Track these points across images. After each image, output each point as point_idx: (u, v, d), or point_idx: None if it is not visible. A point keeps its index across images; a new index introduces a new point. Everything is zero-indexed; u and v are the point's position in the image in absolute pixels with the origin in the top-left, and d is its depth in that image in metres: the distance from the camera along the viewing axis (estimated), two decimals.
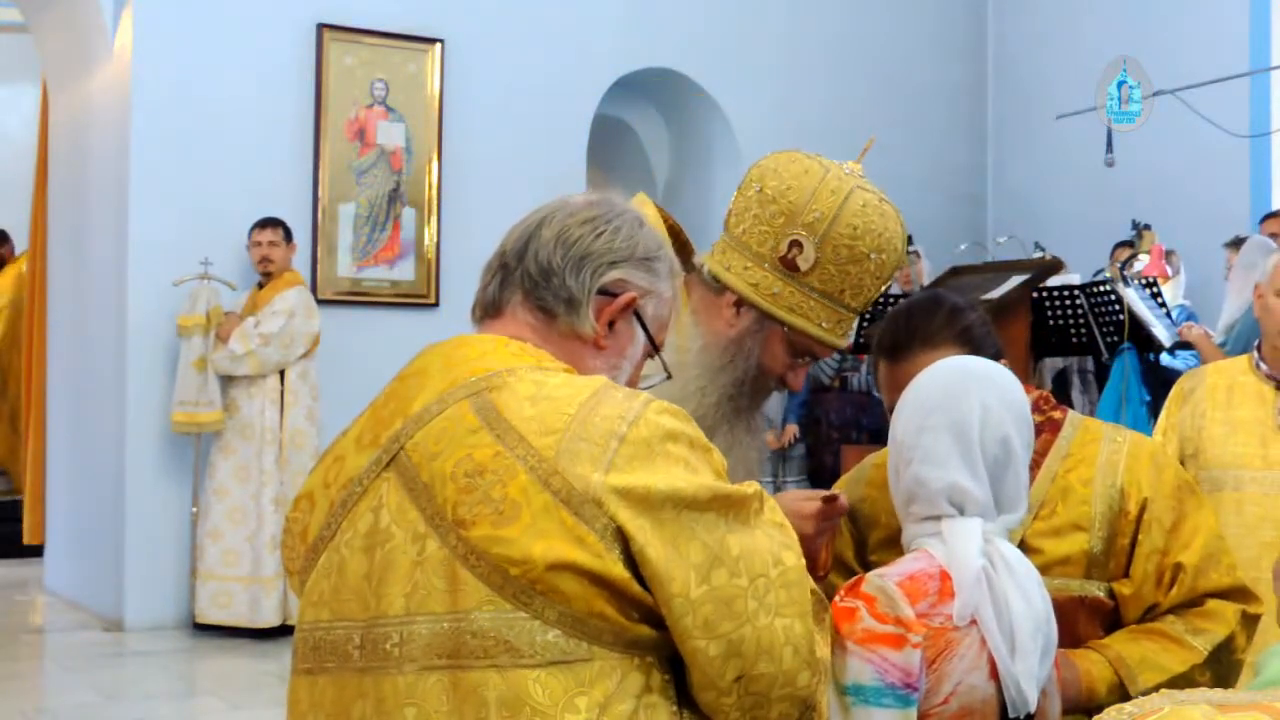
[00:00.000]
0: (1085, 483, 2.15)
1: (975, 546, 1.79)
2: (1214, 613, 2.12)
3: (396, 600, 1.47)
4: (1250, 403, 3.22)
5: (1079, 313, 6.81)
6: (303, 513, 1.62)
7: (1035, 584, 1.84)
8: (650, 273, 1.67)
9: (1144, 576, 2.12)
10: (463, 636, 1.42)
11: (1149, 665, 2.06)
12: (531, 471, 1.43)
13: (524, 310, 1.64)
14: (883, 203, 2.10)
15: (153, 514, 7.06)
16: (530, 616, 1.41)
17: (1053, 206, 9.29)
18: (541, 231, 1.65)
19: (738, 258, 2.09)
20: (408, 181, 7.77)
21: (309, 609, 1.57)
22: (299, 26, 7.49)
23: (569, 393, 1.49)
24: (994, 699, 1.77)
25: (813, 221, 2.04)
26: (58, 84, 8.23)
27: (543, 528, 1.41)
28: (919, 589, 1.76)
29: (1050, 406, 2.25)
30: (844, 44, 9.24)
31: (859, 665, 1.69)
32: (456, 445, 1.47)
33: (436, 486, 1.47)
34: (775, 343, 2.09)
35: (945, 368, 1.96)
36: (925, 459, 1.87)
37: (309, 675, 1.56)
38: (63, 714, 5.57)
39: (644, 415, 1.47)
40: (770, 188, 2.08)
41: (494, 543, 1.42)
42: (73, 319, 7.98)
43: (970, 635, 1.76)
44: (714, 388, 2.06)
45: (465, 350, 1.58)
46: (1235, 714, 1.03)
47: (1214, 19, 8.43)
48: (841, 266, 2.06)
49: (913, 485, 1.89)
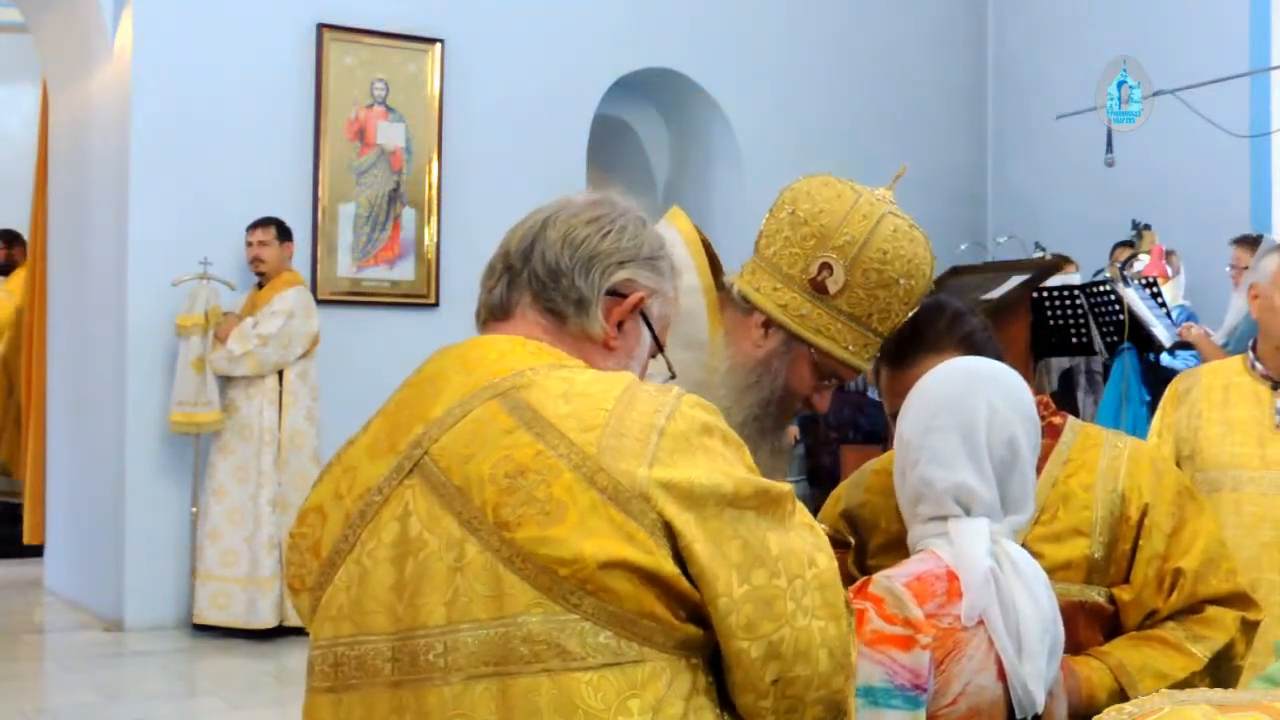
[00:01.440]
0: (1086, 488, 2.15)
1: (983, 547, 1.79)
2: (1214, 620, 2.12)
3: (436, 610, 1.43)
4: (1247, 403, 3.22)
5: (1079, 313, 6.81)
6: (312, 527, 1.57)
7: (1042, 585, 1.84)
8: (656, 272, 1.67)
9: (1144, 582, 2.12)
10: (511, 642, 1.39)
11: (1149, 672, 2.07)
12: (576, 469, 1.41)
13: (534, 312, 1.62)
14: (913, 229, 2.10)
15: (153, 514, 7.06)
16: (581, 618, 1.38)
17: (1053, 206, 9.29)
18: (547, 232, 1.64)
19: (767, 279, 2.10)
20: (408, 181, 7.77)
21: (327, 624, 1.53)
22: (299, 26, 7.49)
23: (602, 388, 1.48)
24: (1002, 700, 1.77)
25: (844, 245, 2.05)
26: (58, 84, 8.23)
27: (591, 526, 1.39)
28: (927, 589, 1.75)
29: (1050, 412, 2.25)
30: (844, 44, 9.24)
31: (868, 667, 1.69)
32: (491, 447, 1.45)
33: (473, 489, 1.44)
34: (802, 364, 2.09)
35: (952, 368, 1.96)
36: (932, 459, 1.87)
37: (331, 694, 1.51)
38: (63, 714, 5.57)
39: (679, 408, 1.47)
40: (803, 210, 2.08)
41: (542, 543, 1.39)
42: (73, 319, 7.97)
43: (978, 636, 1.76)
44: (740, 408, 2.05)
45: (483, 350, 1.56)
46: (1235, 714, 1.03)
47: (1214, 19, 8.43)
48: (871, 290, 2.06)
49: (919, 485, 1.89)
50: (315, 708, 1.54)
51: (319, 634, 1.54)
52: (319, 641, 1.53)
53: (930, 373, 1.96)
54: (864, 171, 2.22)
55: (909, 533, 1.93)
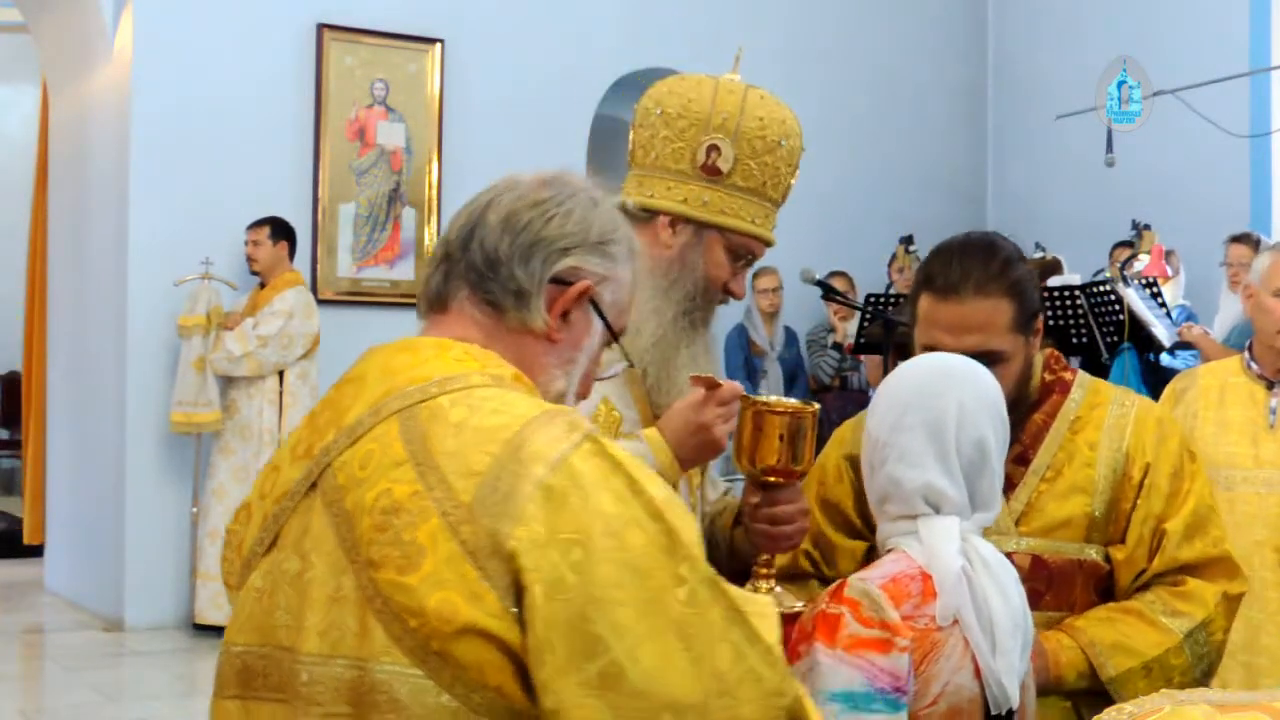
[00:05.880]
0: (1091, 445, 2.16)
1: (954, 546, 1.79)
2: (1193, 594, 2.13)
3: (311, 637, 1.37)
4: (1242, 403, 3.23)
5: (1079, 313, 6.80)
6: (241, 524, 1.52)
7: (1012, 580, 1.84)
8: (606, 257, 1.56)
9: (1138, 540, 2.14)
10: (363, 687, 1.32)
11: (1121, 650, 2.07)
12: (444, 516, 1.32)
13: (471, 305, 1.52)
14: (774, 96, 2.18)
15: (153, 514, 7.06)
16: (425, 675, 1.30)
17: (1053, 206, 9.29)
18: (487, 216, 1.54)
19: (658, 183, 2.15)
20: (408, 181, 7.77)
21: (237, 631, 1.47)
22: (299, 26, 7.49)
23: (499, 422, 1.36)
24: (979, 697, 1.77)
25: (723, 122, 2.11)
26: (58, 84, 8.23)
27: (443, 578, 1.30)
28: (902, 591, 1.75)
29: (1060, 366, 2.25)
30: (844, 44, 9.24)
31: (848, 672, 1.68)
32: (379, 476, 1.37)
33: (356, 518, 1.36)
34: (715, 249, 2.14)
35: (923, 365, 1.95)
36: (900, 458, 1.86)
37: (240, 701, 1.45)
38: (63, 714, 5.57)
39: (569, 459, 1.33)
40: (672, 107, 2.15)
41: (397, 589, 1.31)
42: (73, 319, 7.98)
43: (954, 635, 1.76)
44: (668, 305, 2.10)
45: (407, 356, 1.47)
46: (1235, 714, 1.03)
47: (1214, 19, 8.43)
48: (759, 159, 2.12)
49: (887, 485, 1.88)
50: (223, 714, 1.48)
51: (232, 638, 1.48)
52: (232, 646, 1.47)
53: (900, 368, 1.95)
54: (864, 172, 2.23)
55: (878, 529, 1.92)
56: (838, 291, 6.08)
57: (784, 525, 2.03)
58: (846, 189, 8.80)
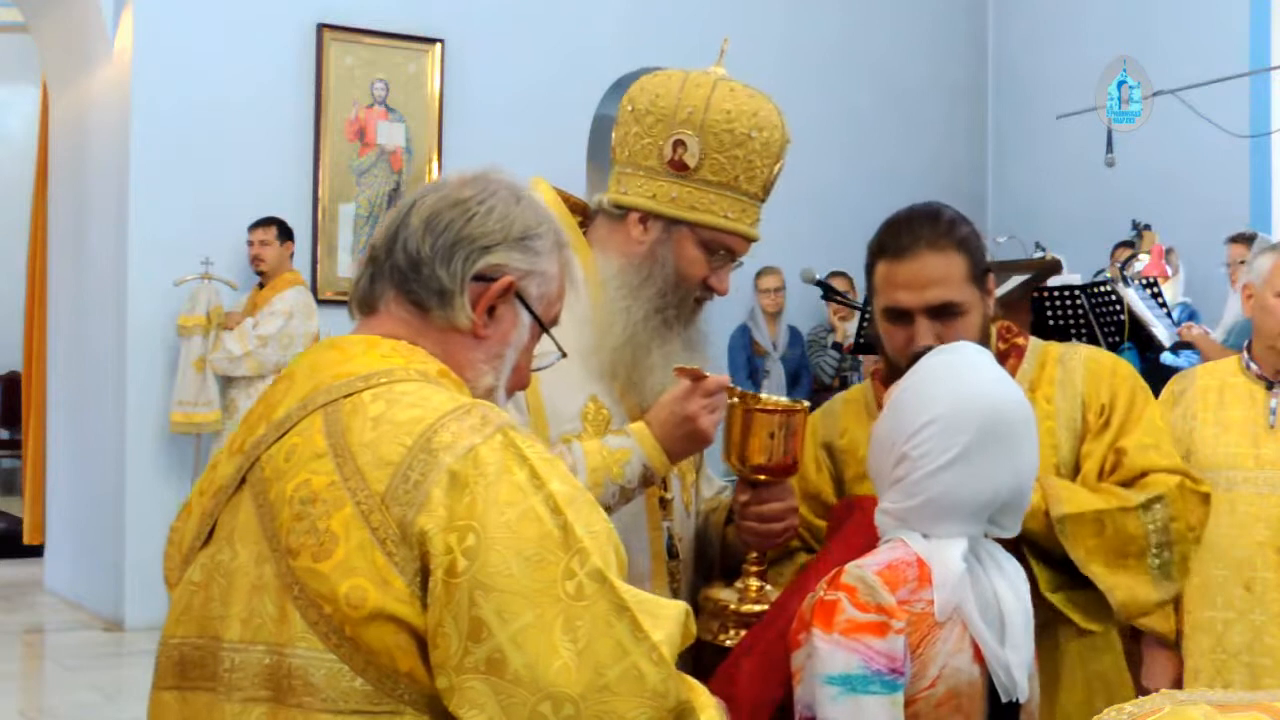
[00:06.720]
0: (1048, 399, 2.22)
1: (958, 550, 1.79)
2: (1152, 482, 2.16)
3: (234, 625, 1.42)
4: (1241, 403, 3.23)
5: (1079, 313, 6.80)
6: (182, 522, 1.57)
7: (1022, 580, 1.87)
8: (529, 252, 1.58)
9: (1094, 465, 2.18)
10: (280, 671, 1.38)
11: (1075, 499, 2.09)
12: (358, 505, 1.37)
13: (397, 305, 1.56)
14: (750, 88, 2.15)
15: (153, 514, 7.05)
16: (339, 660, 1.35)
17: (1053, 206, 9.29)
18: (411, 218, 1.57)
19: (631, 180, 2.13)
20: (408, 181, 7.77)
21: (175, 624, 1.51)
22: (299, 26, 7.50)
23: (414, 415, 1.40)
24: (980, 682, 1.78)
25: (687, 117, 2.09)
26: (58, 84, 8.24)
27: (354, 565, 1.35)
28: (898, 576, 1.76)
29: (1013, 334, 2.32)
30: (844, 44, 9.24)
31: (845, 656, 1.70)
32: (301, 468, 1.42)
33: (278, 508, 1.41)
34: (686, 245, 2.11)
35: (997, 393, 1.87)
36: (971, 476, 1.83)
37: (177, 692, 1.49)
38: (63, 714, 5.57)
39: (477, 449, 1.37)
40: (641, 103, 2.12)
41: (311, 576, 1.36)
42: (73, 319, 7.98)
43: (952, 619, 1.78)
44: (639, 304, 2.08)
45: (332, 354, 1.51)
46: (1235, 714, 1.03)
47: (1214, 19, 8.43)
48: (727, 153, 2.09)
49: (939, 492, 1.84)
50: (161, 705, 1.51)
51: (170, 631, 1.52)
52: (169, 638, 1.51)
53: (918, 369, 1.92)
54: (864, 172, 2.22)
55: (879, 502, 1.90)
56: (838, 291, 6.08)
57: (773, 523, 2.05)
58: (846, 189, 8.80)
